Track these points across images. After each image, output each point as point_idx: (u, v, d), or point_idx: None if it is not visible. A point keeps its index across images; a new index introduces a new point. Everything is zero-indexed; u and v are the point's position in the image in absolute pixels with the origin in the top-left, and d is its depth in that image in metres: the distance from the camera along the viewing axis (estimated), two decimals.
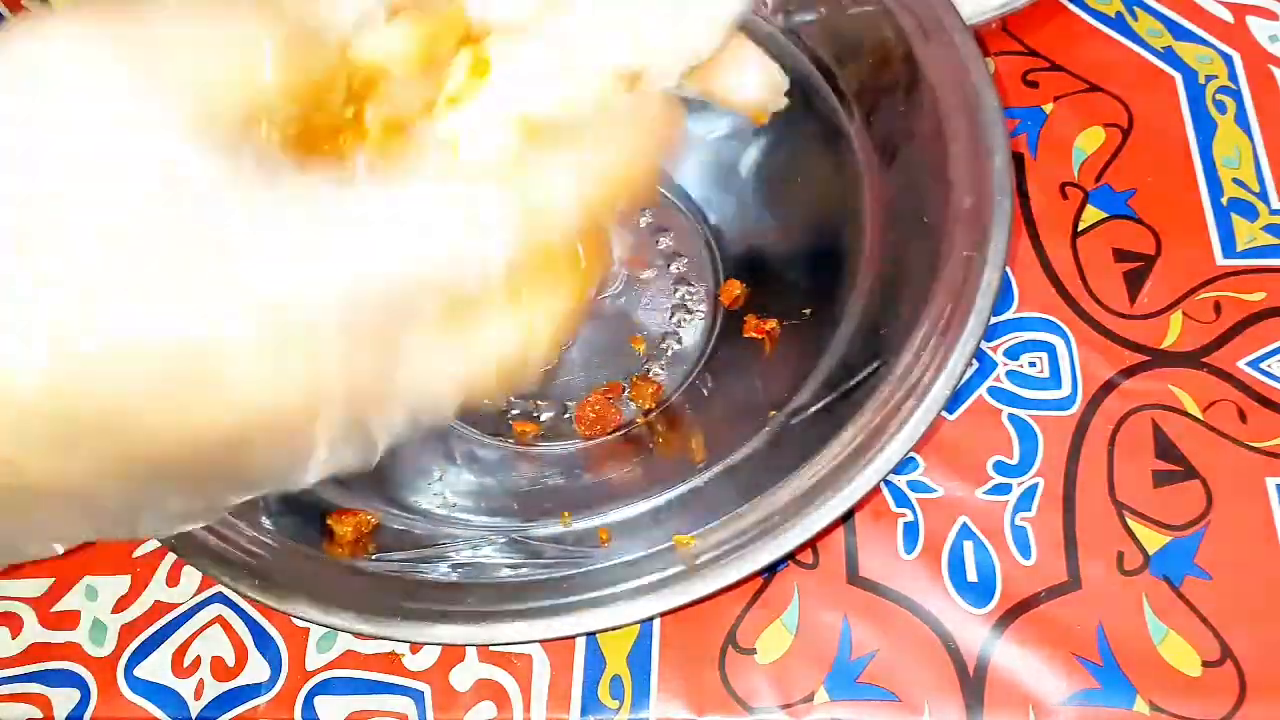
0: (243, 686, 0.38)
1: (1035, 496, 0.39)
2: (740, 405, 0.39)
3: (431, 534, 0.35)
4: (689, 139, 0.45)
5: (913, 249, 0.34)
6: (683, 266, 0.44)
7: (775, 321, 0.40)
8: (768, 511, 0.31)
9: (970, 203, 0.33)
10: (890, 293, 0.35)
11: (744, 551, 0.30)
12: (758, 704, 0.36)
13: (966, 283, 0.32)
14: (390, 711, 0.37)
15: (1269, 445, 0.39)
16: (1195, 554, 0.37)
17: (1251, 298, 0.42)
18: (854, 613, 0.38)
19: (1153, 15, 0.49)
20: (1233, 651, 0.36)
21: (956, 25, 0.35)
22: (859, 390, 0.32)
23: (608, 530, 0.34)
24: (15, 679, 0.39)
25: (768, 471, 0.33)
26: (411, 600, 0.31)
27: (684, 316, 0.43)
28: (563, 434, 0.41)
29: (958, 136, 0.34)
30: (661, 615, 0.34)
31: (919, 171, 0.35)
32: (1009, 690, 0.36)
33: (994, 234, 0.32)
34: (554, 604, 0.31)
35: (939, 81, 0.35)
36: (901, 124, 0.36)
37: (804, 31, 0.39)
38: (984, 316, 0.31)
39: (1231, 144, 0.45)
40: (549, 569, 0.32)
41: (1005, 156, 0.33)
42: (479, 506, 0.38)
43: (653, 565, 0.31)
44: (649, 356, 0.42)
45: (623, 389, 0.42)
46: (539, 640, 0.35)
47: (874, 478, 0.30)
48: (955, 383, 0.30)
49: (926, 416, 0.30)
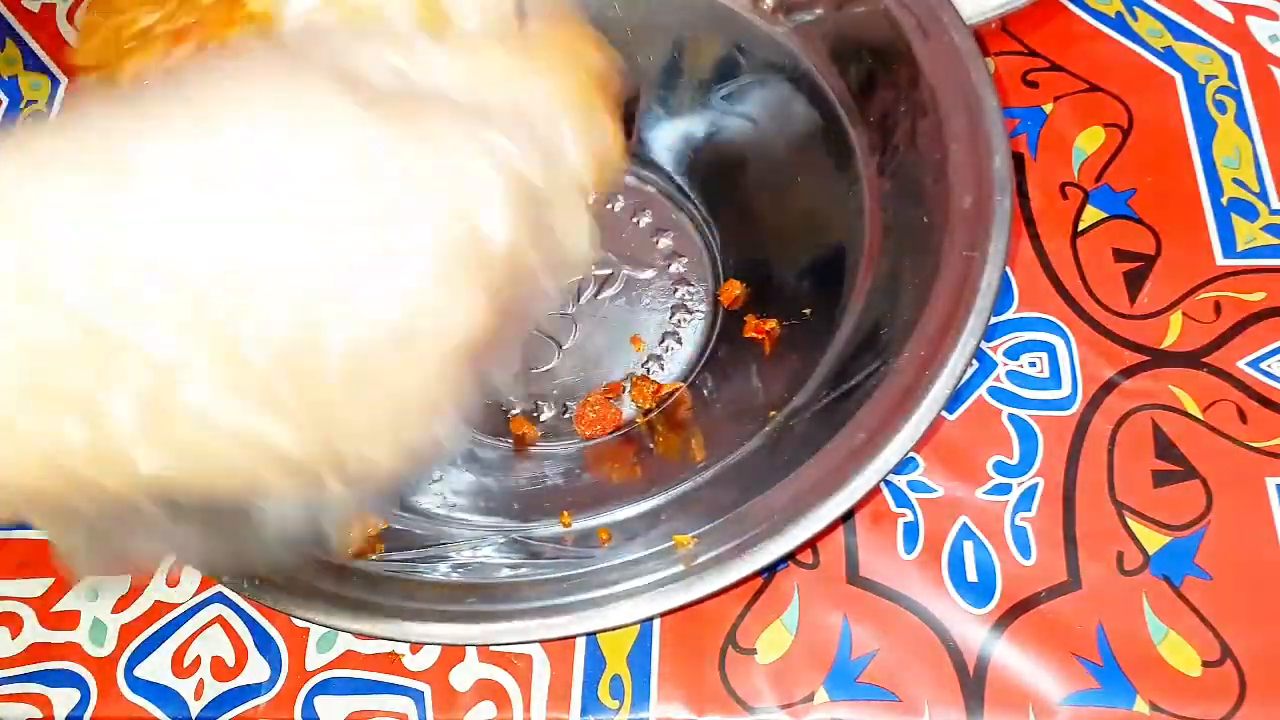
0: (243, 686, 0.38)
1: (1035, 496, 0.39)
2: (740, 405, 0.39)
3: (432, 534, 0.35)
4: (689, 140, 0.45)
5: (913, 249, 0.34)
6: (683, 266, 0.44)
7: (775, 321, 0.40)
8: (768, 511, 0.31)
9: (970, 203, 0.33)
10: (890, 293, 0.35)
11: (744, 551, 0.30)
12: (758, 704, 0.36)
13: (966, 283, 0.32)
14: (390, 711, 0.37)
15: (1269, 445, 0.39)
16: (1195, 554, 0.37)
17: (1251, 298, 0.42)
18: (854, 613, 0.38)
19: (1153, 15, 0.49)
20: (1233, 651, 0.36)
21: (956, 24, 0.35)
22: (859, 390, 0.32)
23: (608, 530, 0.34)
24: (15, 679, 0.39)
25: (768, 471, 0.33)
26: (411, 600, 0.31)
27: (684, 316, 0.43)
28: (563, 434, 0.41)
29: (958, 136, 0.34)
30: (661, 615, 0.34)
31: (919, 171, 0.35)
32: (1009, 690, 0.36)
33: (994, 234, 0.32)
34: (554, 604, 0.31)
35: (939, 81, 0.35)
36: (902, 124, 0.36)
37: (804, 31, 0.39)
38: (984, 316, 0.31)
39: (1231, 144, 0.45)
40: (549, 569, 0.32)
41: (1005, 156, 0.33)
42: (479, 506, 0.38)
43: (653, 565, 0.31)
44: (649, 356, 0.42)
45: (623, 389, 0.42)
46: (539, 640, 0.35)
47: (874, 478, 0.30)
48: (955, 383, 0.30)
49: (926, 416, 0.30)
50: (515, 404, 0.42)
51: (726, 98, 0.43)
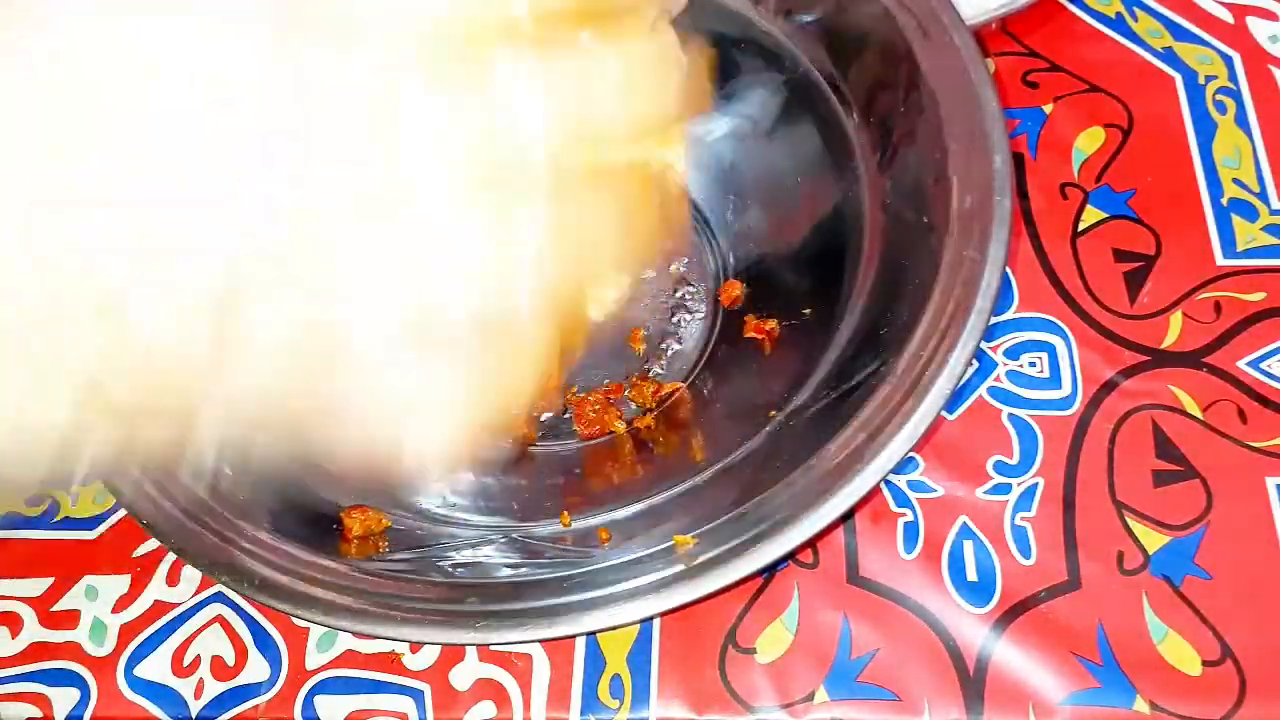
0: (242, 686, 0.38)
1: (1035, 496, 0.39)
2: (740, 405, 0.39)
3: (432, 534, 0.35)
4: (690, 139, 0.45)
5: (913, 249, 0.34)
6: (683, 266, 0.44)
7: (775, 321, 0.40)
8: (768, 511, 0.31)
9: (970, 203, 0.33)
10: (890, 293, 0.35)
11: (744, 551, 0.30)
12: (758, 703, 0.36)
13: (966, 283, 0.32)
14: (390, 711, 0.37)
15: (1269, 445, 0.39)
16: (1195, 554, 0.37)
17: (1251, 298, 0.42)
18: (854, 612, 0.38)
19: (1153, 16, 0.49)
20: (1233, 651, 0.36)
21: (956, 25, 0.35)
22: (859, 390, 0.32)
23: (607, 530, 0.34)
24: (15, 678, 0.39)
25: (768, 471, 0.33)
26: (412, 600, 0.31)
27: (684, 316, 0.43)
28: (563, 434, 0.41)
29: (958, 136, 0.34)
30: (661, 615, 0.34)
31: (919, 171, 0.35)
32: (1009, 690, 0.36)
33: (994, 234, 0.32)
34: (554, 604, 0.31)
35: (939, 82, 0.35)
36: (901, 124, 0.36)
37: (804, 31, 0.39)
38: (984, 316, 0.31)
39: (1231, 144, 0.45)
40: (549, 569, 0.32)
41: (1005, 156, 0.33)
42: (479, 506, 0.38)
43: (653, 565, 0.31)
44: (649, 356, 0.42)
45: (623, 389, 0.42)
46: (539, 640, 0.35)
47: (874, 478, 0.30)
48: (955, 383, 0.30)
49: (926, 416, 0.30)
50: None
51: (726, 98, 0.43)
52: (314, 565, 0.33)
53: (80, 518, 0.41)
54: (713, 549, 0.31)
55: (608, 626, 0.30)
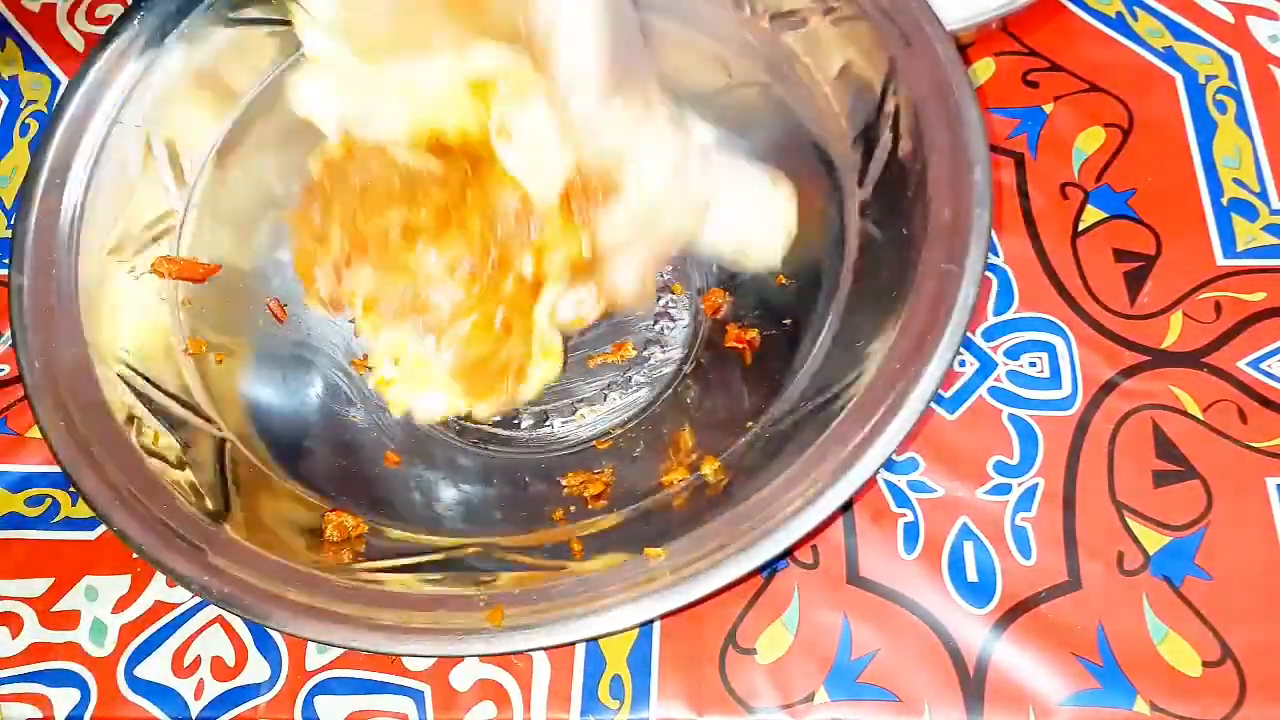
0: (243, 686, 0.38)
1: (1035, 496, 0.39)
2: (721, 413, 0.39)
3: (411, 543, 0.35)
4: None
5: (892, 261, 0.34)
6: (667, 274, 0.44)
7: (755, 331, 0.40)
8: (748, 516, 0.31)
9: (949, 215, 0.32)
10: (868, 305, 0.34)
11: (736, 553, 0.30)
12: (758, 704, 0.36)
13: (944, 296, 0.31)
14: (390, 711, 0.37)
15: (1269, 445, 0.39)
16: (1195, 554, 0.37)
17: (1251, 298, 0.42)
18: (854, 613, 0.38)
19: (1153, 15, 0.49)
20: (1233, 651, 0.36)
21: (939, 35, 0.35)
22: (836, 401, 0.32)
23: (582, 541, 0.34)
24: (15, 679, 0.39)
25: (750, 478, 0.33)
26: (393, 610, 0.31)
27: (667, 324, 0.43)
28: (543, 442, 0.41)
29: (938, 148, 0.33)
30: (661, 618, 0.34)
31: (899, 183, 0.35)
32: (1009, 690, 0.36)
33: (972, 247, 0.32)
34: (553, 605, 0.30)
35: (920, 94, 0.34)
36: (883, 135, 0.36)
37: (788, 41, 0.39)
38: (960, 330, 0.31)
39: (1231, 144, 0.45)
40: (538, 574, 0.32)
41: (985, 169, 0.32)
42: (459, 514, 0.38)
43: (649, 568, 0.31)
44: (631, 364, 0.42)
45: (604, 397, 0.42)
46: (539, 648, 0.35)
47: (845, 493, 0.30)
48: (928, 398, 0.30)
49: (900, 430, 0.30)
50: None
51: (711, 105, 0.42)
52: (307, 578, 0.32)
53: (80, 518, 0.41)
54: (703, 554, 0.30)
55: (606, 632, 0.30)
